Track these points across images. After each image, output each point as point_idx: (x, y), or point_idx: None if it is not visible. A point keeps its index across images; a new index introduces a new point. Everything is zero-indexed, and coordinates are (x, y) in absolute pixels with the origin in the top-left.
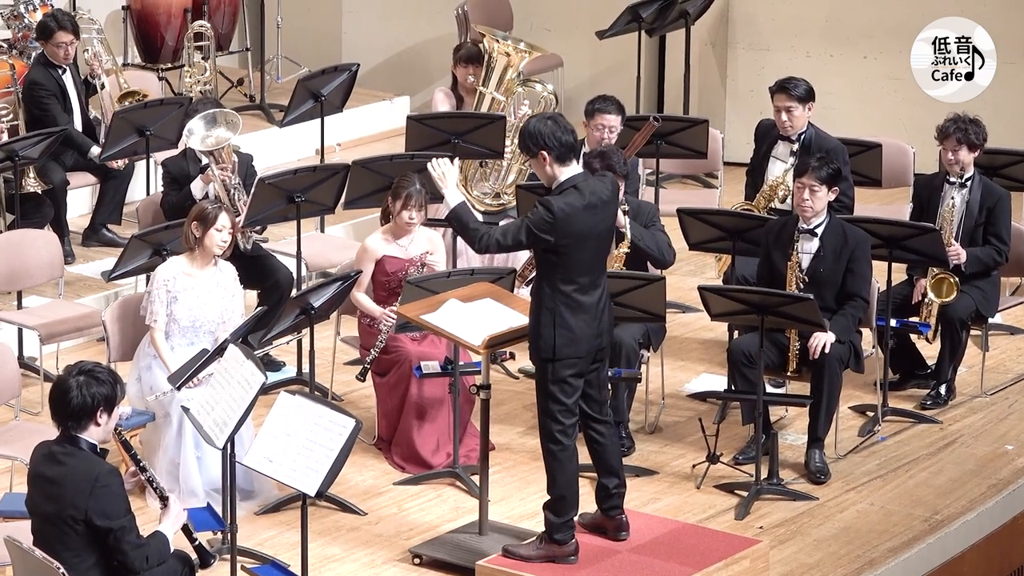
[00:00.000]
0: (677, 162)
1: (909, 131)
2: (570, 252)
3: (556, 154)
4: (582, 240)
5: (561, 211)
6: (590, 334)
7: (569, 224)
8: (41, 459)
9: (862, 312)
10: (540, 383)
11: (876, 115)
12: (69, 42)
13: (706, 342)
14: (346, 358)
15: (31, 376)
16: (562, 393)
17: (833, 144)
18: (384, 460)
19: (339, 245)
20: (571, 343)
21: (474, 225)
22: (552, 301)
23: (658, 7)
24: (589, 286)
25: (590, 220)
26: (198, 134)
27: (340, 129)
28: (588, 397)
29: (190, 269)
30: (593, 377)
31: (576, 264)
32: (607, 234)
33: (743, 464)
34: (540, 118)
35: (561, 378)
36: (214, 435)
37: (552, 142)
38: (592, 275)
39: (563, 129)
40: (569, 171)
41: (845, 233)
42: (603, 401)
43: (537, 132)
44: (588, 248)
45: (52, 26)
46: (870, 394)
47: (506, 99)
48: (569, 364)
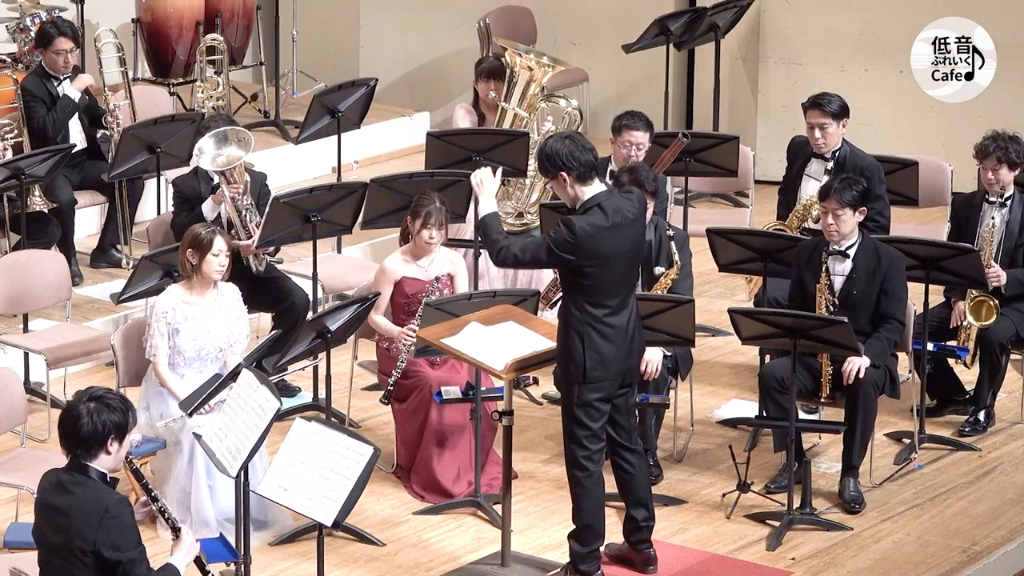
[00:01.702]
0: (706, 180)
1: (947, 148)
2: (596, 273)
3: (576, 174)
4: (607, 261)
5: (583, 231)
6: (620, 357)
7: (593, 245)
8: (49, 488)
9: (897, 335)
10: (566, 407)
11: (912, 131)
12: (69, 49)
13: (736, 366)
14: (364, 383)
15: (37, 402)
16: (588, 417)
17: (868, 162)
18: (403, 489)
19: (356, 266)
20: (601, 365)
21: (496, 236)
22: (580, 323)
23: (687, 20)
24: (618, 307)
25: (615, 240)
26: (208, 153)
27: (358, 146)
28: (616, 424)
29: (189, 297)
30: (621, 402)
31: (603, 286)
32: (635, 253)
33: (775, 493)
34: (557, 138)
35: (587, 402)
36: (227, 463)
37: (571, 162)
38: (620, 296)
39: (581, 148)
40: (592, 190)
41: (879, 253)
42: (631, 428)
43: (555, 153)
44: (615, 269)
45: (51, 32)
46: (906, 420)
47: (529, 115)
48: (597, 387)
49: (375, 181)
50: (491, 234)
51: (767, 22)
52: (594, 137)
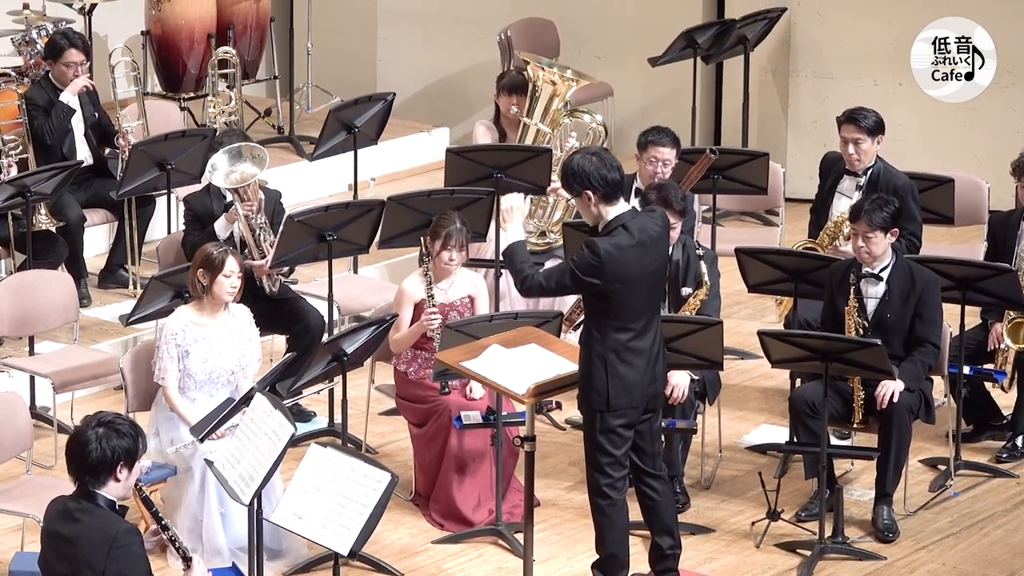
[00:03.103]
0: (735, 198)
1: (984, 165)
2: (622, 296)
3: (602, 193)
4: (633, 283)
5: (608, 253)
6: (644, 382)
7: (618, 267)
8: (56, 516)
9: (932, 359)
10: (588, 434)
11: (948, 148)
12: (80, 62)
13: (766, 391)
14: (381, 408)
15: (44, 427)
16: (611, 444)
17: (901, 181)
18: (422, 517)
19: (373, 287)
20: (624, 393)
21: (520, 265)
22: (603, 348)
23: (715, 32)
24: (642, 330)
25: (641, 260)
26: (222, 170)
27: (374, 163)
28: (639, 450)
29: (200, 319)
30: (644, 428)
31: (628, 308)
32: (660, 273)
33: (806, 521)
34: (583, 154)
35: (610, 428)
36: (240, 490)
37: (597, 181)
38: (645, 319)
39: (608, 166)
40: (616, 209)
41: (913, 275)
42: (656, 454)
43: (581, 170)
44: (640, 291)
45: (62, 44)
46: (942, 446)
47: (552, 131)
48: (621, 413)
49: (393, 199)
50: (516, 263)
51: (798, 34)
52: (619, 153)
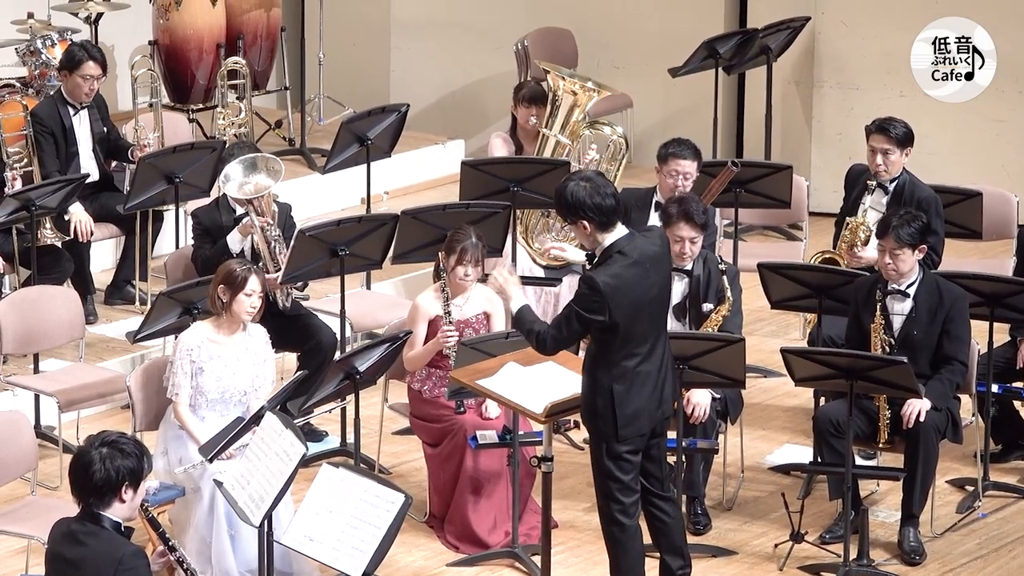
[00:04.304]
0: (758, 212)
1: (1013, 178)
2: (627, 324)
3: (598, 222)
4: (637, 308)
5: (607, 285)
6: (651, 407)
7: (619, 296)
8: (60, 538)
9: (960, 377)
10: (596, 461)
11: (976, 160)
12: (96, 76)
13: (790, 409)
14: (394, 427)
15: (49, 447)
16: (619, 470)
17: (926, 194)
18: (436, 539)
19: (387, 303)
20: (632, 422)
21: (530, 326)
22: (608, 378)
23: (737, 42)
24: (648, 354)
25: (643, 284)
26: (235, 180)
27: (388, 176)
28: (648, 474)
29: (216, 336)
30: (654, 452)
31: (634, 334)
32: (663, 294)
33: (830, 543)
34: (576, 181)
35: (618, 454)
36: (250, 511)
37: (591, 210)
38: (650, 342)
39: (602, 193)
40: (612, 236)
41: (940, 291)
42: (664, 477)
43: (575, 199)
44: (644, 314)
45: (80, 56)
46: (969, 466)
47: (572, 143)
48: (627, 441)
49: (406, 213)
50: (525, 327)
51: (822, 44)
52: (639, 166)
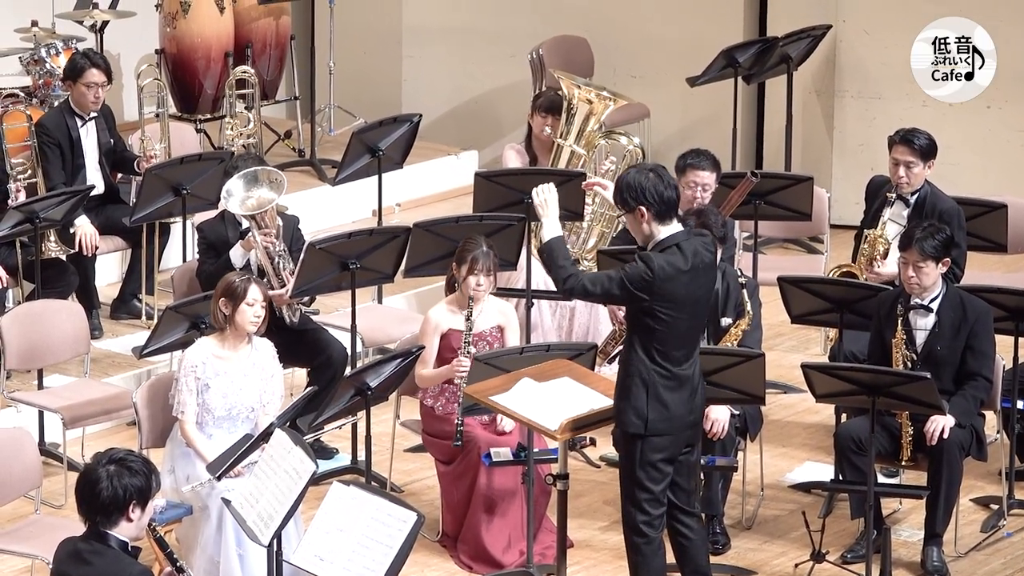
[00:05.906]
0: (778, 224)
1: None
2: (669, 319)
3: (656, 211)
4: (682, 307)
5: (661, 269)
6: (684, 412)
7: (669, 286)
8: (66, 558)
9: (984, 393)
10: (626, 467)
11: (1001, 172)
12: (101, 84)
13: (810, 426)
14: (406, 444)
15: (53, 464)
16: (650, 480)
17: (948, 206)
18: (449, 559)
19: (399, 318)
20: (665, 419)
21: (562, 263)
22: (647, 371)
23: (757, 51)
24: (684, 359)
25: (691, 285)
26: (237, 195)
27: (400, 187)
28: (675, 485)
29: (221, 351)
30: (683, 462)
31: (674, 334)
32: (706, 301)
33: (852, 563)
34: (640, 170)
35: (650, 461)
36: (258, 530)
37: (652, 197)
38: (688, 348)
39: (666, 183)
40: (668, 229)
41: (964, 305)
42: (692, 491)
43: (638, 185)
44: (688, 316)
45: (83, 64)
46: (994, 484)
47: (587, 153)
48: (661, 445)
49: (419, 225)
50: (557, 260)
51: (844, 53)
52: None
